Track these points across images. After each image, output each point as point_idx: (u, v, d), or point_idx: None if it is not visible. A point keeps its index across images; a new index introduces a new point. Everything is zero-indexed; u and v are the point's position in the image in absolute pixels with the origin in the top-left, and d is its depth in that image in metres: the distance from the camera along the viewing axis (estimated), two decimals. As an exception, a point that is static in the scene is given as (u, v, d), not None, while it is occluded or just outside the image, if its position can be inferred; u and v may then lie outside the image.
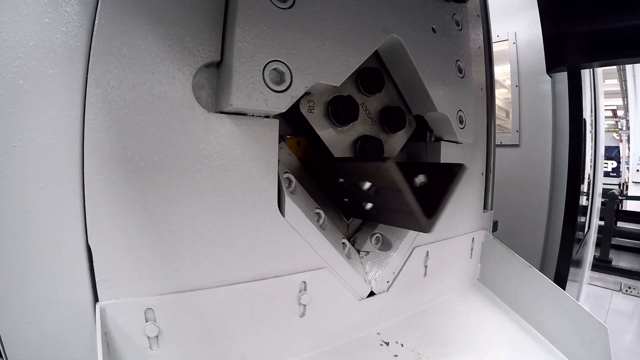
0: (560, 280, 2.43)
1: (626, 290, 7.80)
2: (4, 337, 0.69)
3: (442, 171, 0.98)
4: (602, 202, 9.40)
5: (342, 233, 1.21)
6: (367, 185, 0.94)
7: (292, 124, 1.13)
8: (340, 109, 1.08)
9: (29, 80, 0.66)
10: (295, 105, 1.02)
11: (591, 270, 8.76)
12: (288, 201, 0.94)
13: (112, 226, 0.74)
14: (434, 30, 1.28)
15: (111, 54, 0.72)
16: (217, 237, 0.86)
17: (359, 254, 1.22)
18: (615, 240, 10.35)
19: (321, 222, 1.05)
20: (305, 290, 1.00)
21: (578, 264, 3.81)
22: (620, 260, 9.72)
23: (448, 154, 1.43)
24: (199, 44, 0.81)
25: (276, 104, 0.83)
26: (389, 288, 1.25)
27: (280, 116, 0.96)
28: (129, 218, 0.75)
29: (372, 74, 1.17)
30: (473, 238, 1.68)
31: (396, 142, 1.34)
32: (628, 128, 17.92)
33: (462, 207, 1.60)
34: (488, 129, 1.91)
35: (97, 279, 0.74)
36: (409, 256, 1.31)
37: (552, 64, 1.98)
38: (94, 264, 0.73)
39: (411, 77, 1.23)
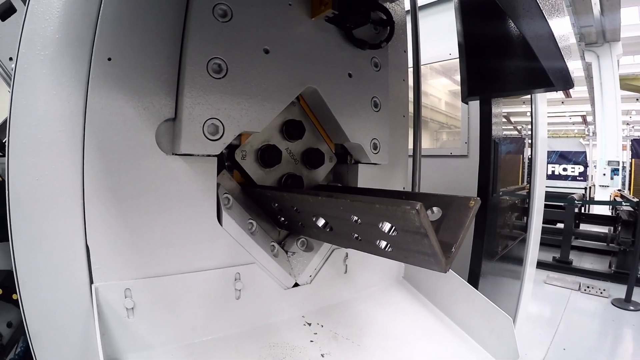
0: (474, 278, 2.97)
1: (584, 290, 8.55)
2: (26, 309, 1.17)
3: (456, 205, 1.15)
4: (563, 206, 10.20)
5: (274, 238, 1.72)
6: (355, 219, 1.14)
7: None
8: (266, 156, 1.63)
9: (44, 135, 1.16)
10: (232, 154, 1.57)
11: (552, 270, 9.49)
12: (225, 215, 1.47)
13: (103, 233, 1.24)
14: (350, 75, 1.80)
15: (100, 118, 1.22)
16: (173, 240, 1.37)
17: (286, 254, 1.73)
18: (578, 242, 11.38)
19: (253, 229, 1.57)
20: (239, 279, 1.51)
21: (519, 262, 4.40)
22: (583, 262, 10.58)
23: (367, 174, 1.97)
24: (160, 107, 1.32)
25: (212, 148, 1.36)
26: (311, 281, 1.77)
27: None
28: (115, 227, 1.26)
29: (294, 125, 1.72)
30: (395, 242, 2.19)
31: (317, 175, 1.89)
32: (594, 134, 18.97)
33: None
34: (414, 148, 2.45)
35: (92, 268, 1.23)
36: (328, 256, 1.84)
37: (466, 94, 2.53)
38: (90, 257, 1.23)
39: (328, 116, 1.75)
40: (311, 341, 1.63)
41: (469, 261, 3.10)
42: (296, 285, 1.73)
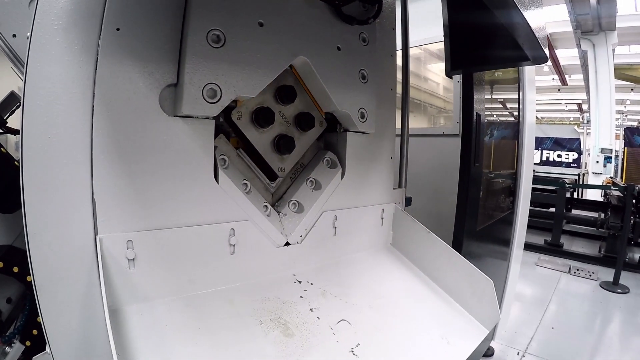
0: (458, 244, 3.13)
1: (574, 272, 8.74)
2: (34, 260, 1.25)
3: None
4: (555, 190, 10.38)
5: (267, 200, 1.85)
6: None
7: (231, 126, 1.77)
8: (260, 117, 1.75)
9: (57, 96, 1.26)
10: (228, 115, 1.68)
11: (543, 253, 9.70)
12: (221, 174, 1.60)
13: (108, 187, 1.35)
14: (339, 48, 1.92)
15: (108, 82, 1.33)
16: (173, 195, 1.49)
17: (279, 214, 1.86)
18: (570, 227, 11.63)
19: (247, 189, 1.70)
20: (234, 235, 1.64)
21: (507, 243, 4.54)
22: (574, 245, 10.79)
23: (355, 142, 2.11)
24: (163, 73, 1.44)
25: (211, 111, 1.49)
26: (302, 241, 1.91)
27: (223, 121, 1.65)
28: (120, 182, 1.37)
29: (287, 90, 1.83)
30: (383, 209, 2.33)
31: (308, 137, 2.01)
32: (588, 122, 19.16)
33: (369, 184, 2.26)
34: (402, 120, 2.57)
35: (97, 220, 1.34)
36: (318, 218, 1.97)
37: (451, 68, 2.66)
38: (96, 210, 1.33)
39: (318, 85, 1.87)
40: (301, 297, 1.76)
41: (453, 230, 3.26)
42: (287, 244, 1.85)
